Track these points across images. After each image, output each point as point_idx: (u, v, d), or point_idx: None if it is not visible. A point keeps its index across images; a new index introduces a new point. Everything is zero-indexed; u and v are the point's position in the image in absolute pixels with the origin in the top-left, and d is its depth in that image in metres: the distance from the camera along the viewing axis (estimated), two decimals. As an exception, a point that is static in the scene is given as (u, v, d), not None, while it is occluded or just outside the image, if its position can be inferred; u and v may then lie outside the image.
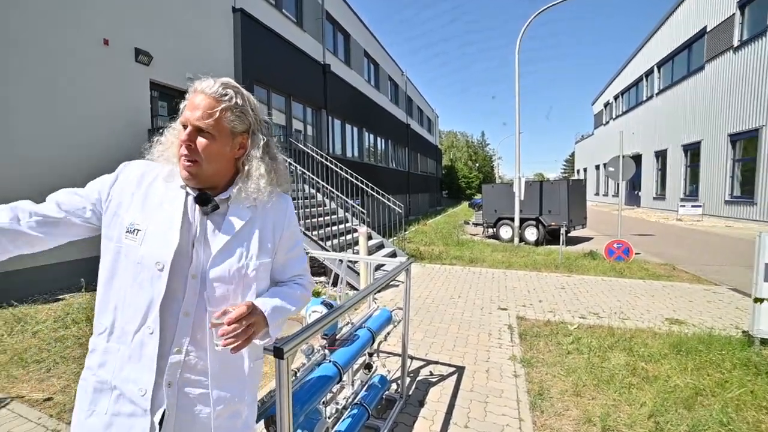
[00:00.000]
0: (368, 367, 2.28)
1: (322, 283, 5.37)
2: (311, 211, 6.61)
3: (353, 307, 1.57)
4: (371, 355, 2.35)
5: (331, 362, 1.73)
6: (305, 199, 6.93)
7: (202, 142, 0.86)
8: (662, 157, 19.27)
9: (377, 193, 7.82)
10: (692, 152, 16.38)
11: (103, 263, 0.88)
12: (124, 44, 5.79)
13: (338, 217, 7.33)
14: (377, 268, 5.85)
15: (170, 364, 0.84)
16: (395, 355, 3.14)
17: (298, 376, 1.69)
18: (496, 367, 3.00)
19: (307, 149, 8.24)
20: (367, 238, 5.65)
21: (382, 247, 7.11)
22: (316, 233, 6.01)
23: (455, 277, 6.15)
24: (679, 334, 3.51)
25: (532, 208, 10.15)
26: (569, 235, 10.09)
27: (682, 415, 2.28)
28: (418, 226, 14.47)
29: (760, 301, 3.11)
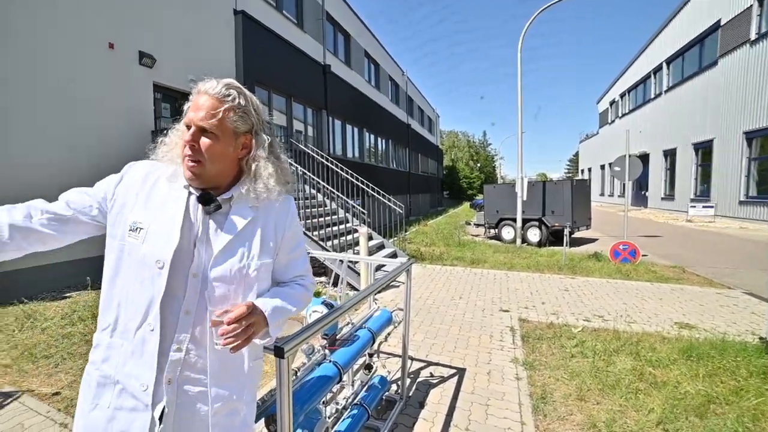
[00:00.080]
0: (368, 367, 2.27)
1: (322, 283, 5.36)
2: (312, 211, 6.60)
3: (353, 307, 1.55)
4: (371, 355, 2.34)
5: (331, 362, 1.71)
6: (306, 199, 6.93)
7: (205, 142, 0.87)
8: (671, 156, 18.86)
9: (378, 193, 7.81)
10: (704, 151, 15.94)
11: (107, 261, 0.89)
12: (128, 47, 5.83)
13: (339, 217, 7.32)
14: (378, 268, 5.83)
15: (170, 361, 0.85)
16: (395, 356, 3.12)
17: (298, 375, 1.68)
18: (497, 369, 2.98)
19: (307, 150, 8.25)
20: (367, 238, 5.63)
21: (382, 247, 7.09)
22: (316, 233, 6.00)
23: (456, 278, 6.12)
24: (689, 338, 3.41)
25: (534, 208, 10.11)
26: (573, 236, 10.06)
27: (693, 423, 2.20)
28: (418, 226, 14.45)
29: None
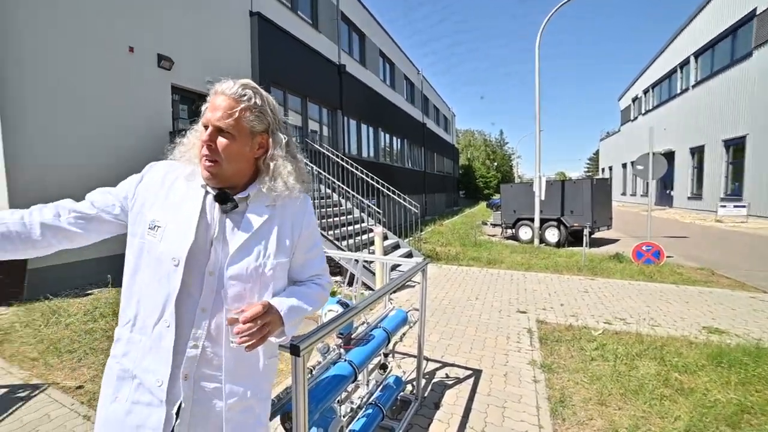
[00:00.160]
0: (383, 367, 2.27)
1: (337, 282, 5.39)
2: (327, 210, 6.66)
3: (369, 307, 1.55)
4: (386, 355, 2.33)
5: (346, 361, 1.72)
6: (321, 199, 6.99)
7: (222, 142, 0.87)
8: (699, 153, 17.95)
9: (393, 193, 7.80)
10: (735, 148, 15.12)
11: (128, 258, 0.92)
12: (147, 51, 5.99)
13: (354, 217, 7.35)
14: (393, 268, 5.82)
15: (187, 357, 0.86)
16: (411, 356, 3.11)
17: (313, 374, 1.70)
18: (514, 371, 2.92)
19: (323, 149, 8.31)
20: (382, 238, 5.63)
21: (397, 247, 7.08)
22: (331, 233, 6.04)
23: (472, 278, 6.05)
24: (719, 344, 3.25)
25: (553, 208, 9.88)
26: (593, 236, 9.78)
27: (724, 433, 2.10)
28: (434, 226, 14.36)
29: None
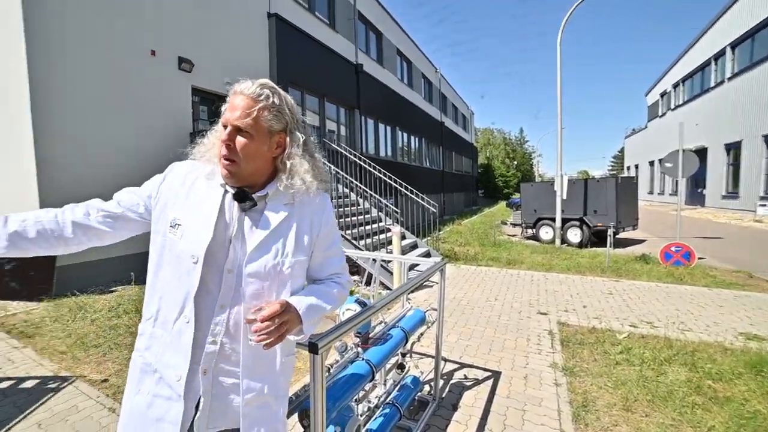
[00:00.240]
0: (401, 367, 2.26)
1: (355, 281, 5.43)
2: (345, 210, 6.71)
3: (386, 306, 1.55)
4: (404, 355, 2.33)
5: (364, 360, 1.72)
6: (339, 198, 7.05)
7: (240, 141, 0.89)
8: (735, 150, 16.94)
9: (411, 192, 7.77)
10: None
11: (151, 255, 0.94)
12: (168, 54, 6.16)
13: (372, 216, 7.37)
14: (411, 267, 5.81)
15: (206, 353, 0.88)
16: (428, 356, 3.09)
17: (331, 372, 1.71)
18: (534, 373, 2.86)
19: (340, 149, 8.38)
20: (400, 237, 5.63)
21: (415, 246, 7.06)
22: (349, 232, 6.08)
23: (491, 278, 5.96)
24: (758, 351, 3.07)
25: (575, 207, 9.60)
26: (618, 236, 9.43)
27: (766, 446, 1.97)
28: (452, 226, 14.22)
29: None
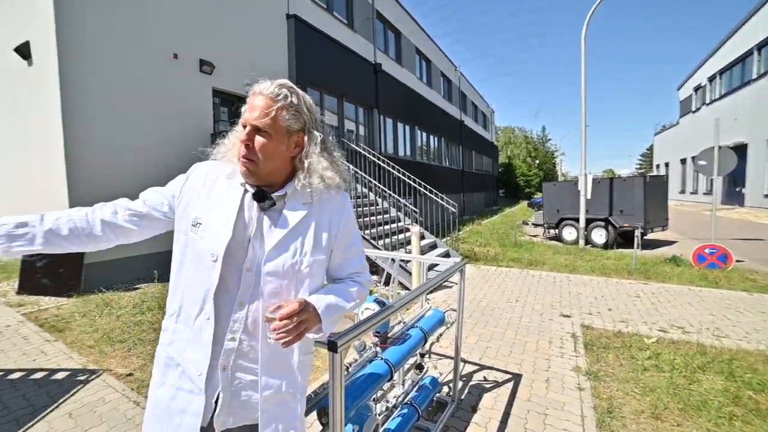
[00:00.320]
0: (419, 367, 2.26)
1: (374, 281, 5.46)
2: (364, 210, 6.75)
3: (405, 306, 1.56)
4: (423, 355, 2.33)
5: (382, 360, 1.73)
6: (358, 198, 7.09)
7: (259, 141, 0.90)
8: (779, 145, 15.90)
9: (430, 192, 7.73)
10: None
11: (174, 253, 0.98)
12: (190, 56, 6.33)
13: (391, 216, 7.37)
14: (430, 268, 5.78)
15: (225, 350, 0.91)
16: (447, 357, 3.07)
17: (350, 371, 1.73)
18: (557, 377, 2.80)
19: (359, 149, 8.42)
20: (419, 237, 5.61)
21: (435, 247, 7.01)
22: (368, 232, 6.12)
23: (512, 279, 5.86)
24: None
25: (600, 207, 9.27)
26: (646, 237, 9.05)
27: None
28: (472, 226, 14.04)
29: None
